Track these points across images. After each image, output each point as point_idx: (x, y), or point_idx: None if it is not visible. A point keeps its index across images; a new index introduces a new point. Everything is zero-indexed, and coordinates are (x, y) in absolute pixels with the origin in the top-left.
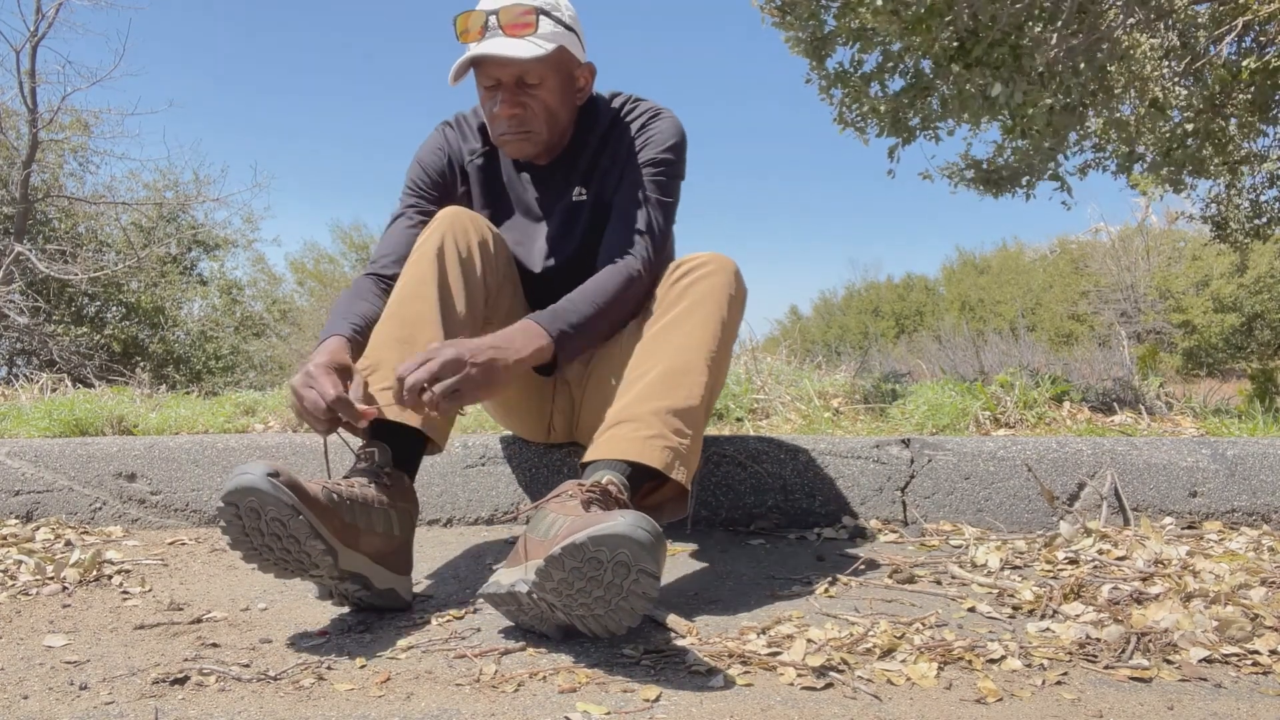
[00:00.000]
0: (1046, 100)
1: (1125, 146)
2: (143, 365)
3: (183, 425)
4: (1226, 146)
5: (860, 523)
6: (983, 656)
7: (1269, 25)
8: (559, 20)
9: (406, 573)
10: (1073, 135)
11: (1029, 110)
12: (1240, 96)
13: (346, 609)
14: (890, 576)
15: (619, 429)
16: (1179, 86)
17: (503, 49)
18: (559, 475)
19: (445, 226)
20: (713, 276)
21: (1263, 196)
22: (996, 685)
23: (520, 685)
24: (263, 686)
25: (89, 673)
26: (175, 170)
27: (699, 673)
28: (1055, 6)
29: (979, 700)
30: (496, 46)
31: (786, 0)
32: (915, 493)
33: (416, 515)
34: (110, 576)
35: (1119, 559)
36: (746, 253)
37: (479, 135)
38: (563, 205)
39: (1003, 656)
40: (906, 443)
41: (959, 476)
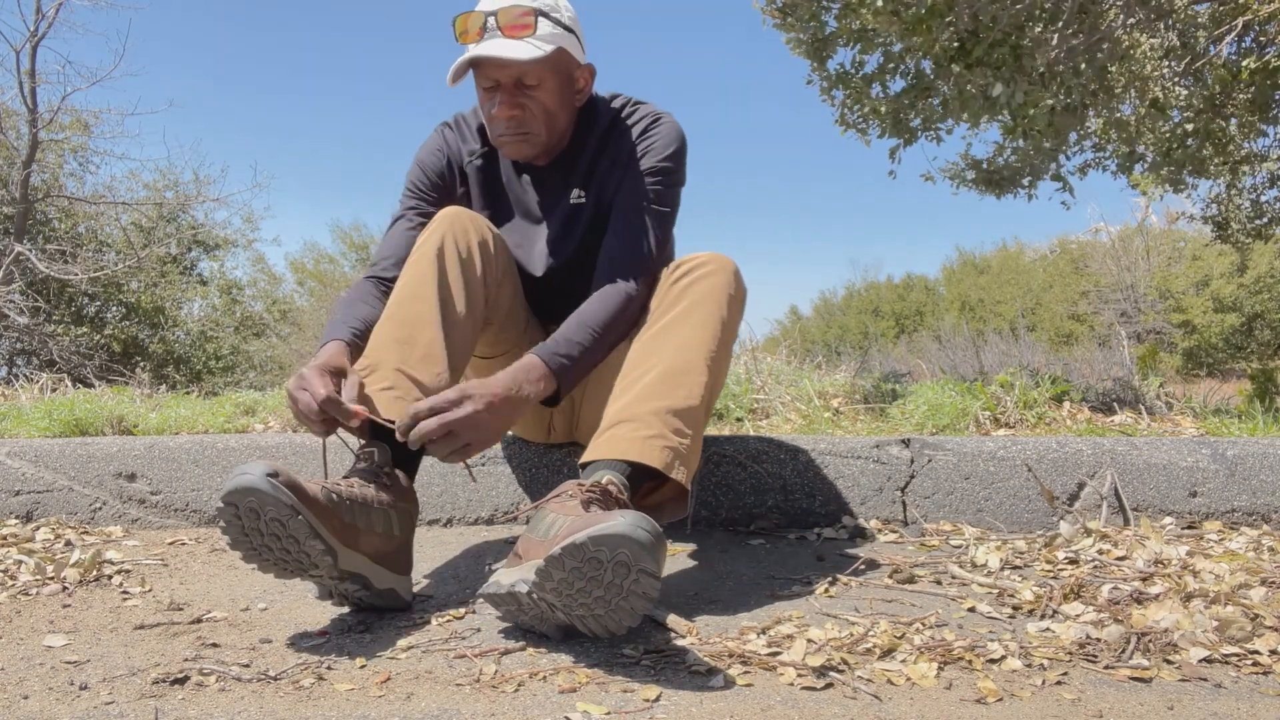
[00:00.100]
0: (1048, 101)
1: (1126, 147)
2: (143, 365)
3: (183, 425)
4: (1227, 146)
5: (860, 523)
6: (983, 656)
7: (1269, 25)
8: (558, 21)
9: (406, 573)
10: (1073, 135)
11: (1030, 111)
12: (1240, 96)
13: (346, 609)
14: (890, 576)
15: (619, 429)
16: (1179, 86)
17: (501, 50)
18: (559, 475)
19: (445, 227)
20: (712, 276)
21: (1263, 196)
22: (996, 685)
23: (520, 685)
24: (263, 686)
25: (89, 673)
26: (175, 170)
27: (699, 673)
28: (1056, 7)
29: (979, 700)
30: (495, 48)
31: (787, 2)
32: (915, 493)
33: (416, 515)
34: (110, 576)
35: (1119, 559)
36: (746, 253)
37: (478, 136)
38: (562, 207)
39: (1003, 656)
40: (906, 443)
41: (959, 476)
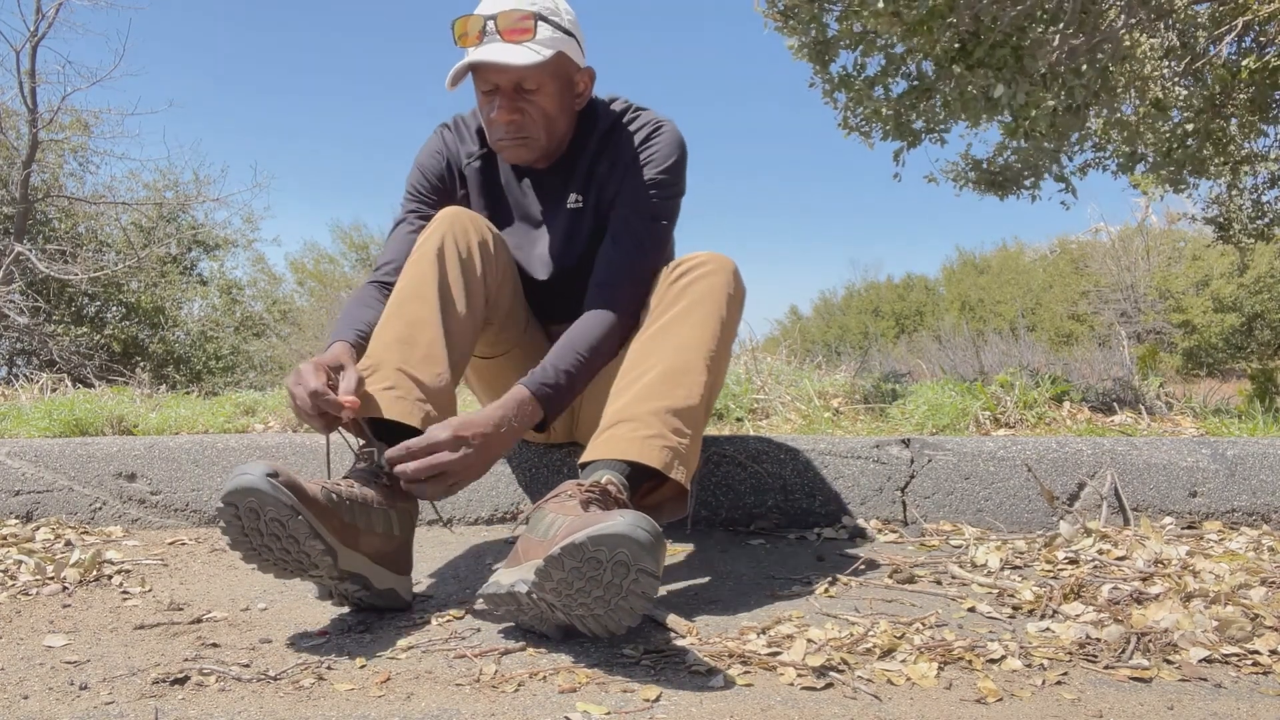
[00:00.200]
0: (1049, 102)
1: (1127, 147)
2: (143, 365)
3: (183, 425)
4: (1227, 146)
5: (860, 523)
6: (983, 656)
7: (1269, 25)
8: (558, 25)
9: (406, 573)
10: (1073, 135)
11: (1032, 112)
12: (1240, 96)
13: (346, 609)
14: (890, 576)
15: (618, 429)
16: (1179, 86)
17: (500, 55)
18: (559, 475)
19: (445, 227)
20: (711, 276)
21: (1264, 197)
22: (996, 685)
23: (520, 685)
24: (263, 686)
25: (89, 673)
26: (175, 170)
27: (699, 673)
28: (1057, 7)
29: (979, 700)
30: (494, 53)
31: (788, 5)
32: (915, 493)
33: (416, 515)
34: (110, 576)
35: (1119, 559)
36: (746, 253)
37: (477, 138)
38: (561, 212)
39: (1003, 656)
40: (906, 443)
41: (959, 476)
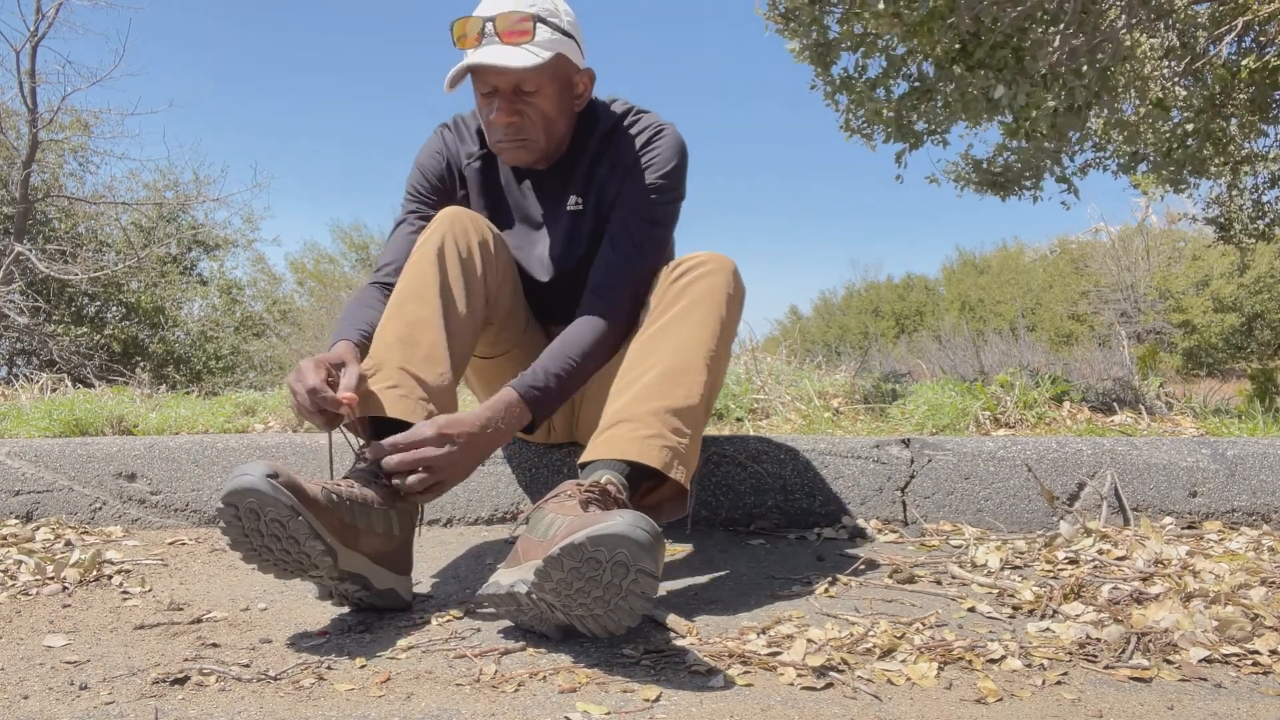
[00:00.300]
0: (1050, 103)
1: (1128, 147)
2: (143, 365)
3: (183, 425)
4: (1227, 147)
5: (860, 523)
6: (983, 656)
7: (1269, 25)
8: (557, 27)
9: (406, 573)
10: (1073, 135)
11: (1032, 112)
12: (1240, 96)
13: (346, 609)
14: (890, 576)
15: (617, 429)
16: (1179, 87)
17: (498, 58)
18: (559, 475)
19: (445, 227)
20: (711, 276)
21: (1264, 197)
22: (996, 685)
23: (520, 685)
24: (263, 686)
25: (89, 673)
26: (175, 170)
27: (699, 673)
28: (1058, 8)
29: (979, 700)
30: (492, 55)
31: (789, 9)
32: (915, 493)
33: (416, 515)
34: (110, 576)
35: (1119, 559)
36: (746, 253)
37: (477, 138)
38: (561, 214)
39: (1003, 656)
40: (906, 443)
41: (959, 476)
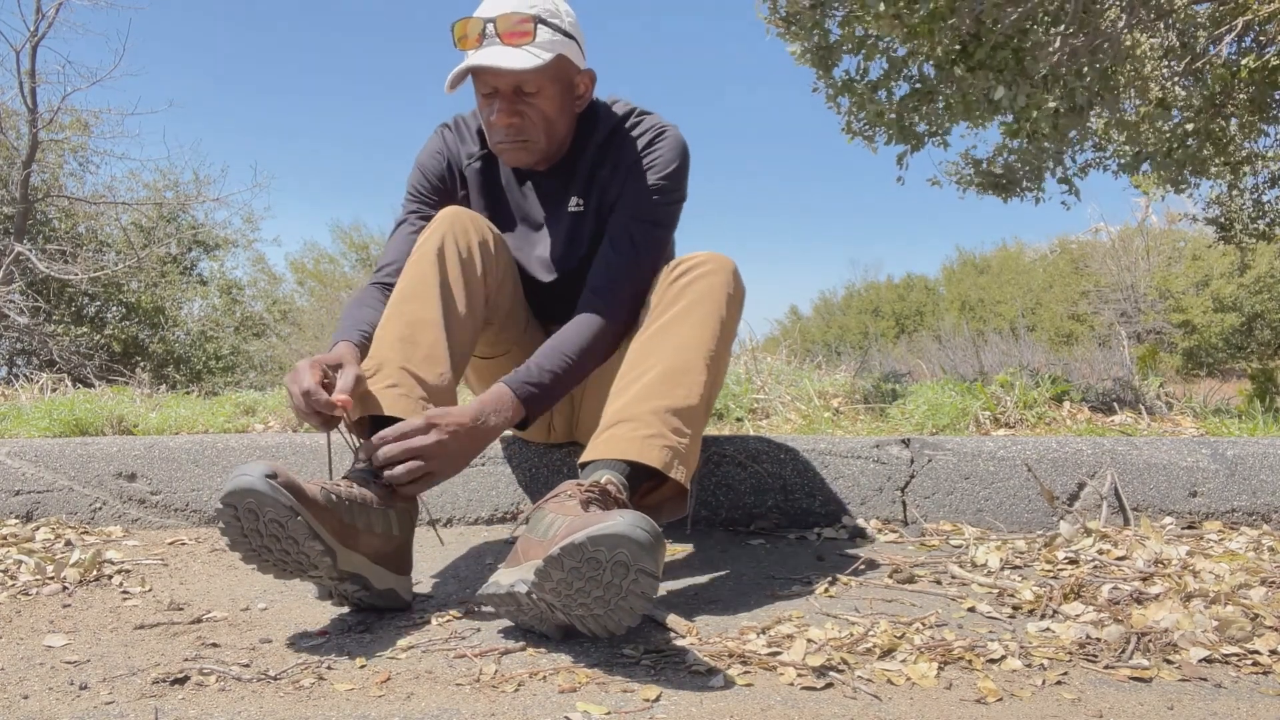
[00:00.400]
0: (1051, 104)
1: (1129, 147)
2: (143, 365)
3: (183, 425)
4: (1227, 146)
5: (860, 523)
6: (983, 656)
7: (1269, 25)
8: (558, 28)
9: (406, 573)
10: (1073, 134)
11: (1033, 113)
12: (1240, 96)
13: (346, 609)
14: (890, 576)
15: (617, 429)
16: (1179, 86)
17: (499, 59)
18: (559, 475)
19: (445, 226)
20: (711, 276)
21: (1264, 196)
22: (996, 685)
23: (520, 685)
24: (263, 686)
25: (89, 673)
26: (175, 170)
27: (699, 673)
28: (1058, 9)
29: (979, 700)
30: (493, 56)
31: (791, 12)
32: (915, 493)
33: (416, 515)
34: (110, 576)
35: (1119, 559)
36: (746, 253)
37: (477, 139)
38: (562, 215)
39: (1003, 656)
40: (906, 443)
41: (959, 476)
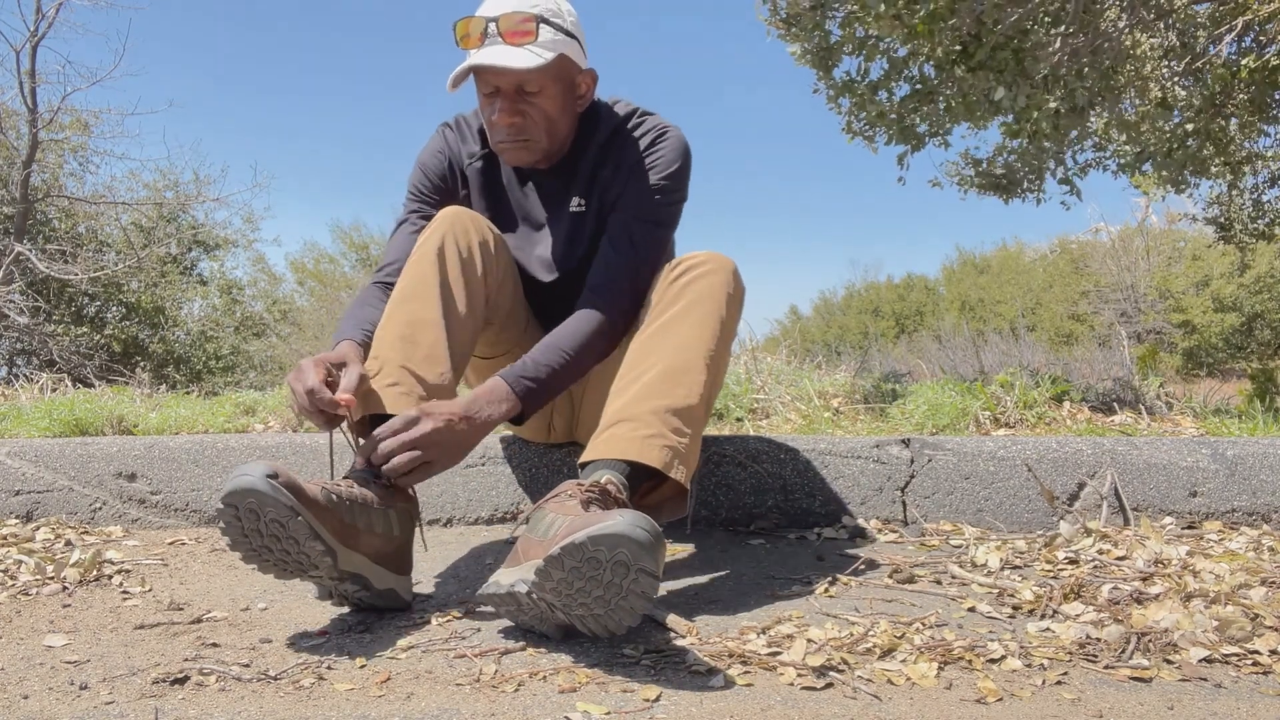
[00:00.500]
0: (1051, 104)
1: (1130, 147)
2: (143, 365)
3: (183, 425)
4: (1227, 146)
5: (860, 523)
6: (983, 656)
7: (1269, 25)
8: (559, 27)
9: (406, 573)
10: (1073, 133)
11: (1034, 113)
12: (1240, 96)
13: (346, 609)
14: (890, 576)
15: (617, 428)
16: (1179, 86)
17: (501, 59)
18: (559, 475)
19: (446, 226)
20: (711, 275)
21: (1264, 196)
22: (996, 685)
23: (520, 685)
24: (263, 686)
25: (89, 673)
26: (175, 170)
27: (699, 673)
28: (1059, 9)
29: (979, 700)
30: (495, 56)
31: (791, 14)
32: (915, 493)
33: (416, 515)
34: (110, 576)
35: (1119, 559)
36: (746, 253)
37: (478, 138)
38: (563, 214)
39: (1003, 656)
40: (906, 443)
41: (959, 476)
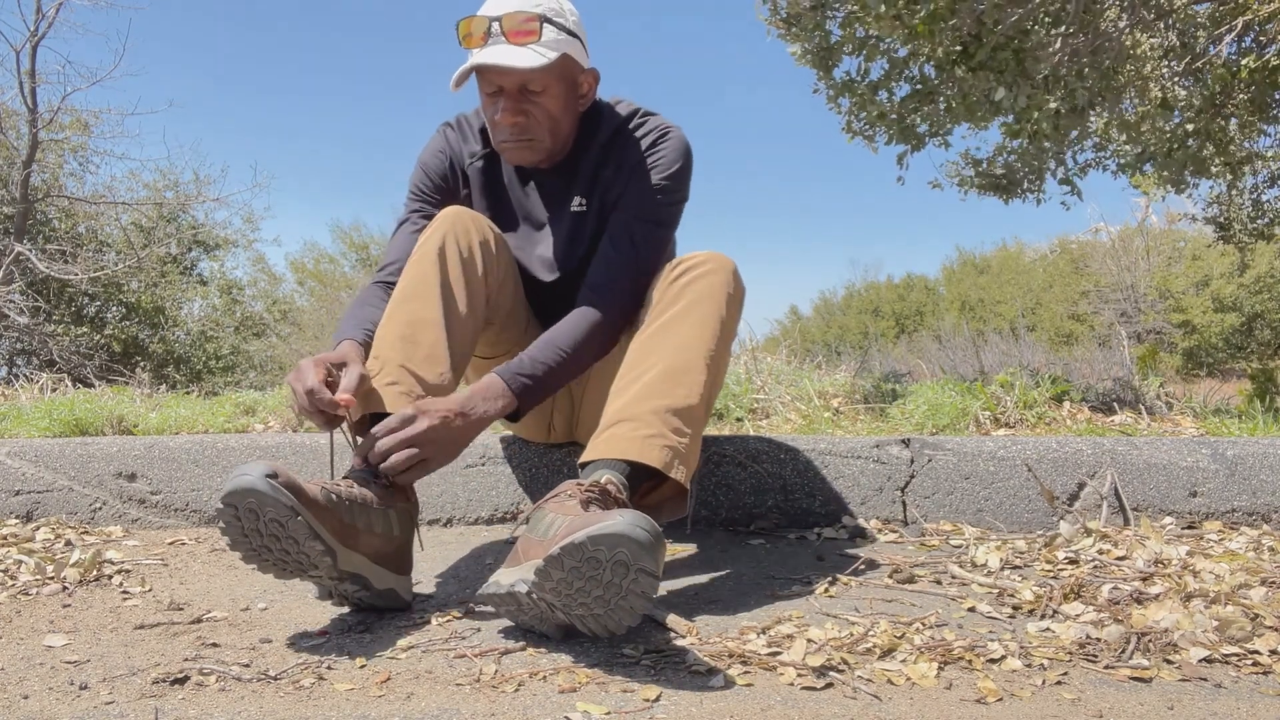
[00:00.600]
0: (1051, 104)
1: (1133, 148)
2: (143, 365)
3: (183, 425)
4: (1227, 146)
5: (860, 523)
6: (983, 656)
7: (1269, 25)
8: (562, 27)
9: (406, 573)
10: (1073, 133)
11: (1034, 113)
12: (1240, 96)
13: (346, 609)
14: (890, 576)
15: (618, 428)
16: (1179, 86)
17: (505, 58)
18: (559, 475)
19: (446, 226)
20: (711, 275)
21: (1264, 196)
22: (996, 685)
23: (520, 685)
24: (263, 686)
25: (89, 673)
26: (175, 170)
27: (699, 673)
28: (1060, 9)
29: (979, 700)
30: (499, 55)
31: (791, 14)
32: (915, 493)
33: (416, 515)
34: (110, 576)
35: (1119, 559)
36: (746, 253)
37: (480, 138)
38: (564, 214)
39: (1003, 656)
40: (906, 443)
41: (959, 476)
